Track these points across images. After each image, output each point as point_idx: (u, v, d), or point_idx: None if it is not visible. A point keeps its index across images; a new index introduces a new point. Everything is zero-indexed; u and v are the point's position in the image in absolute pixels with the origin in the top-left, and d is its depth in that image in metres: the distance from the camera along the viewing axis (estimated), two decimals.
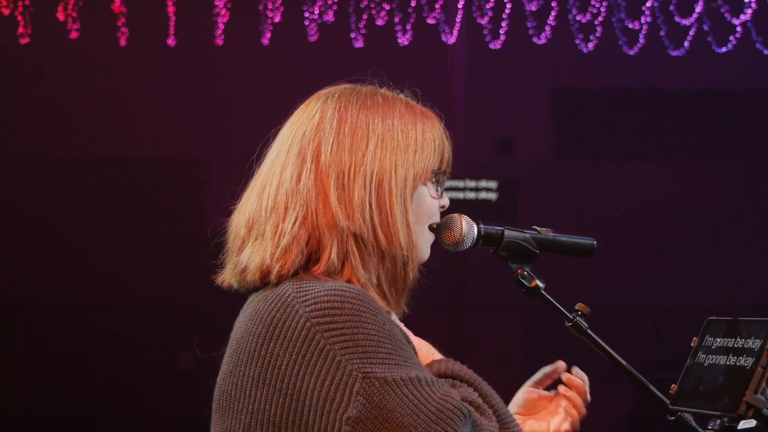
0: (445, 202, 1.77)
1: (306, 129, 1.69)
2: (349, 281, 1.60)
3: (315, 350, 1.51)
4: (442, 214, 1.79)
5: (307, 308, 1.54)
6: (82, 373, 12.84)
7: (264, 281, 1.64)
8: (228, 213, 1.74)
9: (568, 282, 11.32)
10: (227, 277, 1.81)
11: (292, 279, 1.61)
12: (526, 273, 1.79)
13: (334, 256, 1.59)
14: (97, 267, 13.04)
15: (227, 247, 1.83)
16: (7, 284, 12.94)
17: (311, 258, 1.62)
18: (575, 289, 12.31)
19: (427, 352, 1.73)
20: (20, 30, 11.31)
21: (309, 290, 1.56)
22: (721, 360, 1.73)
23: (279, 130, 1.80)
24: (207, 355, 1.81)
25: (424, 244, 1.72)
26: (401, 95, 1.81)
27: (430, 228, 1.74)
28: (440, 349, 1.99)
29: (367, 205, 1.60)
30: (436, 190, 1.73)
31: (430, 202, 1.71)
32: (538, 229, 1.82)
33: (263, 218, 1.66)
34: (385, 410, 1.47)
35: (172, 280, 13.10)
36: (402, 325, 1.70)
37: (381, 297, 1.63)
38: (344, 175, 1.62)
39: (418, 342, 1.72)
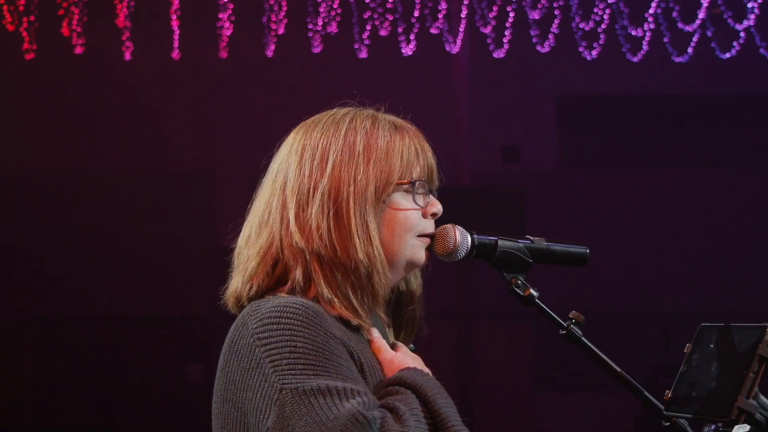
0: (435, 209, 1.80)
1: (278, 162, 1.80)
2: (315, 298, 1.68)
3: (254, 363, 1.62)
4: (438, 222, 1.82)
5: (254, 324, 1.65)
6: (92, 386, 12.85)
7: (239, 305, 1.78)
8: (236, 225, 1.82)
9: (576, 288, 11.33)
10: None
11: (256, 300, 1.73)
12: (520, 282, 1.81)
13: (299, 276, 1.69)
14: (106, 279, 13.06)
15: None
16: (17, 297, 12.97)
17: (280, 280, 1.72)
18: (583, 296, 12.34)
19: (401, 364, 1.74)
20: (25, 46, 11.36)
21: (260, 307, 1.67)
22: (714, 366, 1.74)
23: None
24: (216, 368, 1.85)
25: (406, 251, 1.76)
26: (379, 113, 1.85)
27: (427, 236, 1.79)
28: (449, 358, 2.01)
29: (324, 223, 1.69)
30: (414, 199, 1.76)
31: (405, 211, 1.75)
32: (532, 238, 1.84)
33: (243, 249, 1.79)
34: (293, 419, 1.55)
35: (180, 293, 13.12)
36: (376, 336, 1.74)
37: (350, 309, 1.69)
38: (304, 198, 1.71)
39: (392, 357, 1.74)
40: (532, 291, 1.80)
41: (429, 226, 1.81)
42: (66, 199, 13.15)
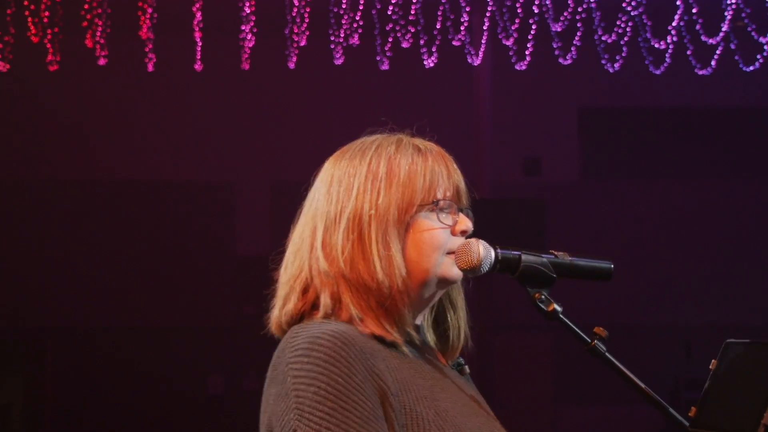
0: (464, 227, 1.84)
1: (311, 192, 1.88)
2: (348, 320, 1.76)
3: (284, 392, 1.69)
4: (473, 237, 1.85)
5: (290, 354, 1.72)
6: (114, 397, 12.89)
7: (281, 330, 1.83)
8: (276, 255, 1.91)
9: (597, 301, 11.29)
10: None
11: (297, 325, 1.79)
12: (543, 297, 1.80)
13: (327, 300, 1.77)
14: (126, 291, 13.10)
15: None
16: (37, 309, 13.03)
17: (314, 305, 1.80)
18: (605, 308, 12.28)
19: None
20: (49, 57, 11.43)
21: (298, 335, 1.73)
22: (740, 382, 1.73)
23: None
24: (236, 379, 1.86)
25: (437, 269, 1.81)
26: (405, 137, 1.91)
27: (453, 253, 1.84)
28: (471, 370, 2.02)
29: (348, 247, 1.77)
30: (438, 218, 1.81)
31: (431, 231, 1.81)
32: (555, 253, 1.84)
33: (281, 278, 1.87)
34: None
35: (201, 305, 13.15)
36: (407, 359, 1.78)
37: (382, 325, 1.76)
38: (330, 224, 1.80)
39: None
40: (555, 306, 1.79)
41: (458, 244, 1.84)
42: (88, 209, 13.21)
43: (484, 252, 1.80)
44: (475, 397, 1.92)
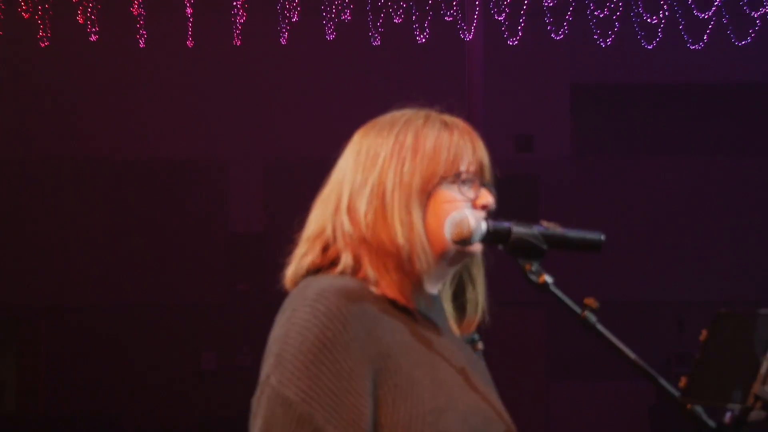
0: (485, 201, 1.89)
1: (339, 162, 1.95)
2: (363, 280, 1.82)
3: (277, 336, 1.78)
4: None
5: (297, 301, 1.79)
6: (108, 374, 12.91)
7: (295, 283, 1.89)
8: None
9: (589, 277, 11.31)
10: None
11: (312, 276, 1.86)
12: (534, 268, 1.81)
13: (348, 259, 1.84)
14: (120, 269, 13.10)
15: None
16: (32, 288, 13.03)
17: (334, 262, 1.86)
18: (596, 284, 12.31)
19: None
20: (40, 33, 11.38)
21: (310, 286, 1.81)
22: (731, 353, 1.74)
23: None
24: (230, 355, 1.89)
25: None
26: (433, 112, 1.98)
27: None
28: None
29: (371, 212, 1.84)
30: (460, 190, 1.86)
31: (452, 202, 1.86)
32: (546, 224, 1.84)
33: (302, 236, 1.93)
34: (256, 407, 1.75)
35: (193, 281, 13.16)
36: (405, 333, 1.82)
37: (397, 289, 1.83)
38: (356, 190, 1.87)
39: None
40: (546, 277, 1.80)
41: (475, 216, 1.87)
42: (80, 187, 13.18)
43: (474, 223, 1.82)
44: (481, 373, 1.97)
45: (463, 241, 1.82)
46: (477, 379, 1.90)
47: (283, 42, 11.56)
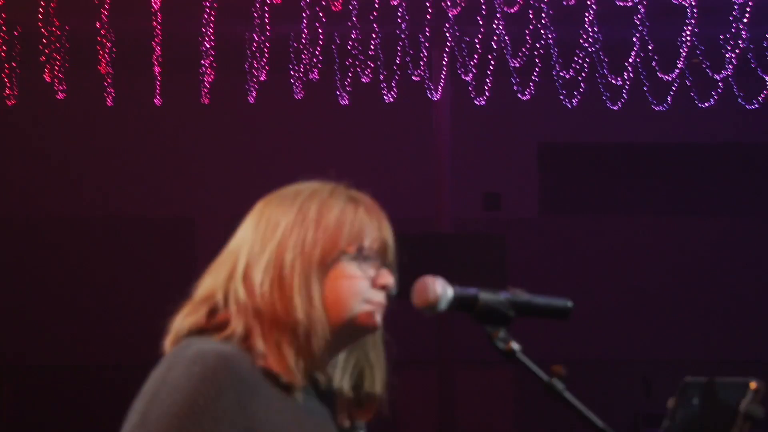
0: (385, 281, 1.82)
1: (239, 230, 1.90)
2: (248, 351, 1.76)
3: (148, 391, 1.73)
4: (418, 273, 1.83)
5: (175, 359, 1.76)
6: None
7: (175, 342, 1.85)
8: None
9: (555, 336, 11.31)
10: None
11: (196, 336, 1.80)
12: (501, 336, 1.79)
13: (239, 327, 1.76)
14: (89, 328, 12.97)
15: None
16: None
17: (221, 327, 1.79)
18: (564, 343, 12.30)
19: None
20: (7, 91, 11.35)
21: (192, 345, 1.76)
22: (698, 422, 1.73)
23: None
24: None
25: (352, 317, 1.80)
26: (340, 186, 1.90)
27: (375, 304, 1.82)
28: (430, 405, 2.01)
29: (267, 281, 1.77)
30: (360, 268, 1.80)
31: (351, 278, 1.80)
32: (512, 291, 1.83)
33: (193, 296, 1.88)
34: None
35: (162, 342, 13.03)
36: (296, 404, 1.76)
37: (283, 367, 1.75)
38: (254, 258, 1.80)
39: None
40: (513, 345, 1.78)
41: (377, 296, 1.82)
42: (45, 246, 13.08)
43: (441, 290, 1.78)
44: None
45: (429, 307, 1.78)
46: None
47: (251, 101, 11.59)
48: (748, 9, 10.63)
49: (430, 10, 11.19)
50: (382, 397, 1.89)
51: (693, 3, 10.48)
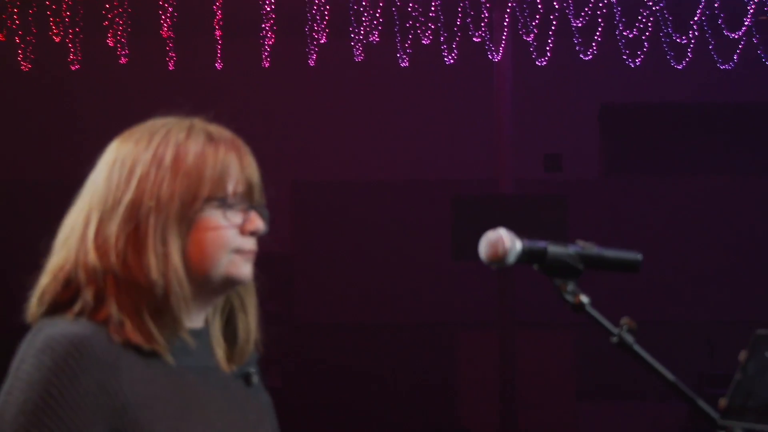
0: (254, 227, 1.74)
1: (91, 175, 1.73)
2: (104, 322, 1.61)
3: (3, 390, 1.61)
4: (480, 229, 1.79)
5: (25, 350, 1.61)
6: None
7: (33, 319, 1.68)
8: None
9: (619, 297, 11.24)
10: None
11: (46, 318, 1.65)
12: (570, 289, 1.78)
13: (89, 297, 1.62)
14: None
15: None
16: None
17: (73, 300, 1.64)
18: (626, 304, 12.21)
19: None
20: (71, 57, 11.48)
21: (40, 332, 1.61)
22: None
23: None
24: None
25: (220, 269, 1.69)
26: (198, 122, 1.81)
27: (247, 252, 1.73)
28: (491, 367, 2.01)
29: (122, 240, 1.63)
30: (225, 216, 1.69)
31: (217, 229, 1.68)
32: (582, 244, 1.81)
33: (46, 266, 1.70)
34: None
35: None
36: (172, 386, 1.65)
37: (144, 333, 1.61)
38: (107, 213, 1.65)
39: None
40: (582, 297, 1.77)
41: (247, 243, 1.74)
42: None
43: (510, 243, 1.76)
44: (250, 412, 1.76)
45: (498, 261, 1.76)
46: (241, 424, 1.71)
47: (312, 63, 11.60)
48: None
49: None
50: (257, 341, 1.82)
51: None
